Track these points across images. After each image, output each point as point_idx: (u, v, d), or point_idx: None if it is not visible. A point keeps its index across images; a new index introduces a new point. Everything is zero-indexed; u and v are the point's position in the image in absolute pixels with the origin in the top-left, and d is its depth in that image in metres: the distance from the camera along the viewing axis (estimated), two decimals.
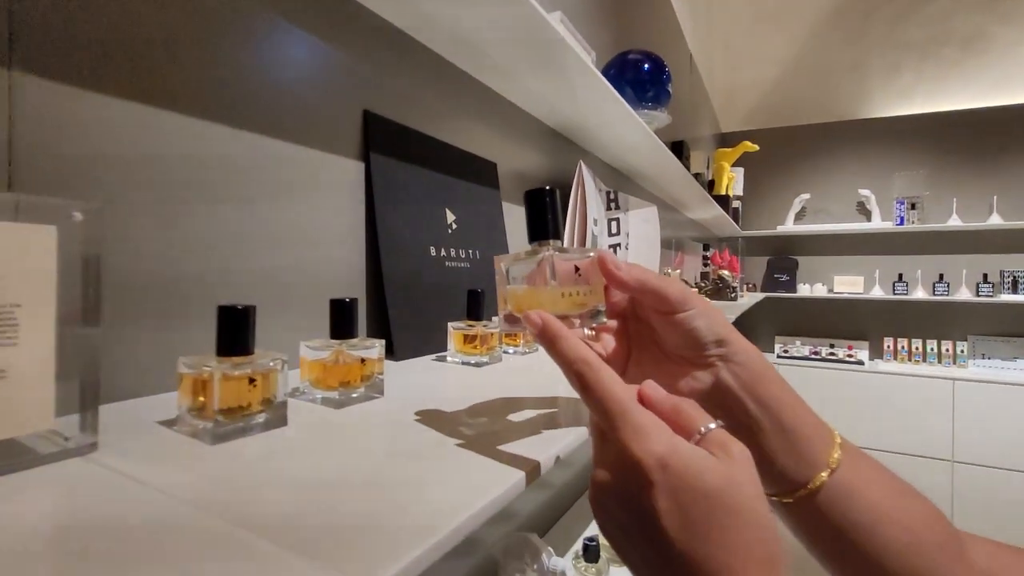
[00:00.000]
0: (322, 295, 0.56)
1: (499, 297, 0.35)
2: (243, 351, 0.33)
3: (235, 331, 0.33)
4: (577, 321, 0.32)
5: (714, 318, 0.33)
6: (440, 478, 0.27)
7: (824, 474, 0.33)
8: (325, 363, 0.40)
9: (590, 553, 0.89)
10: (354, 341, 0.41)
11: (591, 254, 0.34)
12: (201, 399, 0.32)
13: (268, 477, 0.26)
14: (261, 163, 0.50)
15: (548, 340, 0.29)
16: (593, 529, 1.07)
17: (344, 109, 0.59)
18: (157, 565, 0.18)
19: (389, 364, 0.58)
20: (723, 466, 0.24)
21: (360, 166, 0.61)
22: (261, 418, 0.34)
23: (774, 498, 0.35)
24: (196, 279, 0.44)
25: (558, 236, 0.34)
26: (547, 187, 0.34)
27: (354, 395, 0.41)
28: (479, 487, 0.26)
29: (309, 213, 0.55)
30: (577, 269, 0.33)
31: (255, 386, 0.33)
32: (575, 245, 1.08)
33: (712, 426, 0.25)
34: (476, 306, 0.59)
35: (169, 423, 0.34)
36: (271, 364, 0.34)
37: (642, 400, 0.27)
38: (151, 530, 0.21)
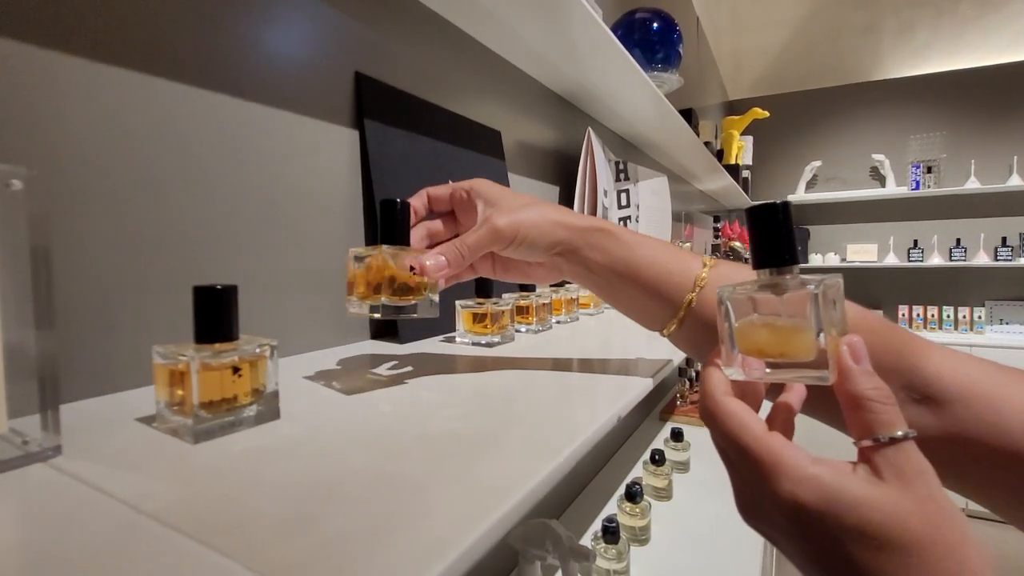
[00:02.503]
0: (319, 276, 0.52)
1: (724, 338, 0.28)
2: (225, 337, 0.29)
3: (214, 314, 0.29)
4: (831, 375, 0.25)
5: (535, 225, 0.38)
6: (491, 457, 0.23)
7: (692, 295, 0.35)
8: (365, 266, 0.36)
9: (610, 534, 0.86)
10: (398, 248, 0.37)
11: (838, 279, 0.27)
12: (180, 392, 0.28)
13: (256, 481, 0.23)
14: (244, 130, 0.45)
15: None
16: (612, 509, 1.04)
17: (333, 70, 0.54)
18: None
19: (394, 348, 0.54)
20: (884, 496, 0.21)
21: (354, 134, 0.57)
22: (252, 411, 0.30)
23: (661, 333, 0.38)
24: (176, 260, 0.40)
25: (798, 260, 0.27)
26: (779, 201, 0.27)
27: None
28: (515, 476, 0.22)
29: (302, 186, 0.51)
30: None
31: (240, 376, 0.29)
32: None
33: (899, 434, 0.22)
34: (485, 282, 0.55)
35: (149, 419, 0.30)
36: (257, 351, 0.30)
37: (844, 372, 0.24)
38: (105, 555, 0.17)
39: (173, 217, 0.40)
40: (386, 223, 0.37)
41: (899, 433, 0.22)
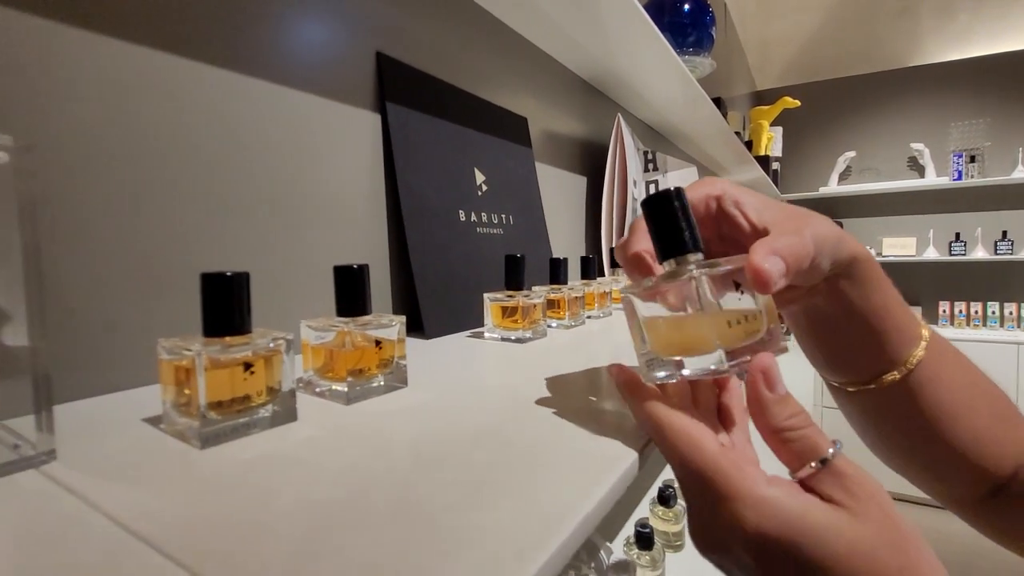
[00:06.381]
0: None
1: (633, 337, 0.26)
2: (236, 330, 0.26)
3: (224, 305, 0.26)
4: (748, 355, 0.23)
5: (828, 237, 0.27)
6: (512, 482, 0.20)
7: (896, 373, 0.31)
8: (330, 348, 0.33)
9: (643, 540, 0.82)
10: (367, 319, 0.34)
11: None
12: (187, 392, 0.25)
13: (265, 497, 0.20)
14: (258, 112, 0.43)
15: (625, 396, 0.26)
16: (643, 512, 1.00)
17: (354, 50, 0.51)
18: None
19: (419, 343, 0.51)
20: (848, 523, 0.19)
21: (376, 118, 0.54)
22: (267, 412, 0.27)
23: (835, 384, 0.35)
24: (187, 249, 0.38)
25: (698, 248, 0.25)
26: (672, 188, 0.25)
27: (371, 385, 0.33)
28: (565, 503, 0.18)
29: (318, 172, 0.48)
30: (738, 286, 0.24)
31: (253, 373, 0.26)
32: (615, 209, 0.98)
33: (829, 453, 0.21)
34: (515, 274, 0.51)
35: (156, 420, 0.28)
36: (272, 345, 0.27)
37: (755, 405, 0.23)
38: None
39: (183, 202, 0.38)
40: (345, 291, 0.33)
41: (829, 452, 0.20)
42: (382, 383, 0.34)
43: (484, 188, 0.66)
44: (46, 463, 0.23)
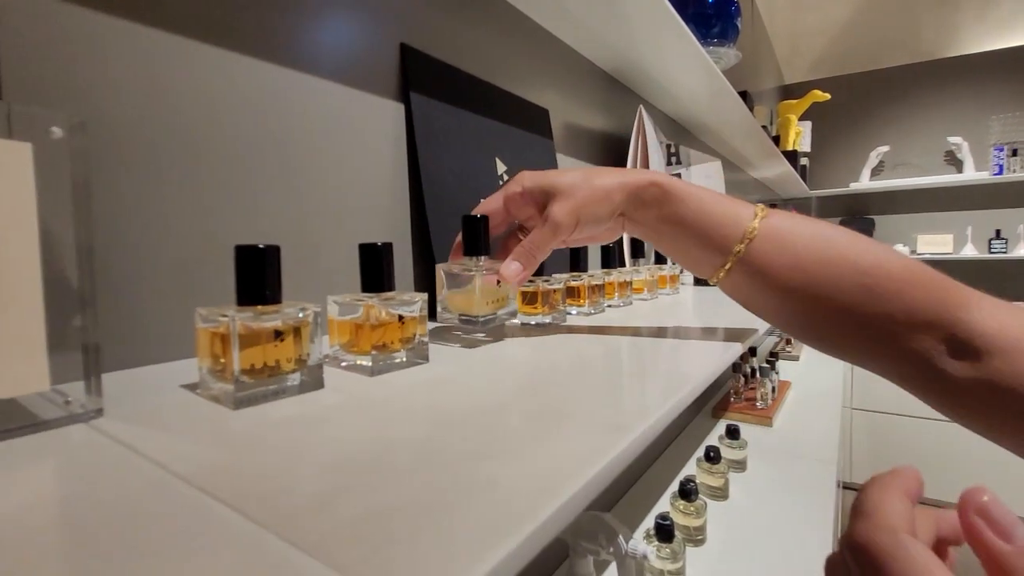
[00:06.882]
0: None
1: (439, 298, 0.44)
2: (267, 300, 0.27)
3: (256, 275, 0.27)
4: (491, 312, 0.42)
5: (588, 201, 0.39)
6: (531, 442, 0.21)
7: (730, 262, 0.37)
8: (355, 322, 0.34)
9: (663, 533, 0.81)
10: (391, 295, 0.35)
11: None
12: (222, 360, 0.27)
13: (294, 450, 0.21)
14: (289, 100, 0.44)
15: None
16: (664, 506, 0.99)
17: (378, 41, 0.53)
18: (117, 557, 0.13)
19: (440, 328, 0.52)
20: None
21: (399, 107, 0.55)
22: (295, 379, 0.29)
23: (704, 281, 0.41)
24: (221, 231, 0.39)
25: (483, 253, 0.43)
26: (476, 216, 0.42)
27: (394, 360, 0.34)
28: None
29: (344, 159, 0.49)
30: (499, 282, 0.42)
31: (283, 341, 0.27)
32: None
33: None
34: None
35: (194, 386, 0.29)
36: (301, 315, 0.28)
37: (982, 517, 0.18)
38: (129, 513, 0.15)
39: (218, 186, 0.39)
40: (369, 268, 0.35)
41: None
42: (404, 358, 0.35)
43: (505, 178, 0.67)
44: (94, 419, 0.24)
